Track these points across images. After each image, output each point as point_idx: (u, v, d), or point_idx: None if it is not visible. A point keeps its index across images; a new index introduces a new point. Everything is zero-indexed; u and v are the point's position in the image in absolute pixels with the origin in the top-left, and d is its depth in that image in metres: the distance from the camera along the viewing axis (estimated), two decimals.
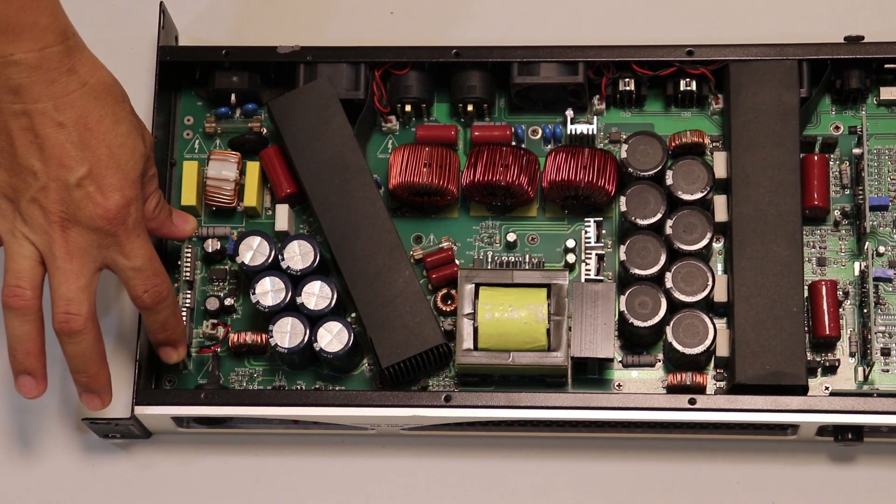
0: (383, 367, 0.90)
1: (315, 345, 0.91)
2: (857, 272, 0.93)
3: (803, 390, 0.89)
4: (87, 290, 0.84)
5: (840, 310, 0.92)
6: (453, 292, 0.93)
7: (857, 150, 0.94)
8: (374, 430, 0.92)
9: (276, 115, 0.94)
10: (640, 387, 0.92)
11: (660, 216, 0.92)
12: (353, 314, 0.93)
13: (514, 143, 0.96)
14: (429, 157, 0.94)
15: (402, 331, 0.90)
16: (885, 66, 0.94)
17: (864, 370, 0.91)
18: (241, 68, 0.96)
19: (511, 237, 0.95)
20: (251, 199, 0.95)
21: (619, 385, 0.92)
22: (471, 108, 0.96)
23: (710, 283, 0.91)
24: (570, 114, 0.96)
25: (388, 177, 0.94)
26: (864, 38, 0.94)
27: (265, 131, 0.97)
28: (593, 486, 0.92)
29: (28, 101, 0.81)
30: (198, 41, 0.99)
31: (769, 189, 0.92)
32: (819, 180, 0.93)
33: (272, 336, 0.91)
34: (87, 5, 1.00)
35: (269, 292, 0.92)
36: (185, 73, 0.98)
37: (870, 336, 0.91)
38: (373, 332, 0.91)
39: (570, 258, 0.94)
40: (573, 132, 0.95)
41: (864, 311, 0.92)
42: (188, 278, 0.95)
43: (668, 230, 0.92)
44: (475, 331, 0.90)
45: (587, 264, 0.93)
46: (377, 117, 0.97)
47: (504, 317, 0.90)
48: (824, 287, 0.92)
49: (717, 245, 0.94)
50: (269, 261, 0.92)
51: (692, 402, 0.88)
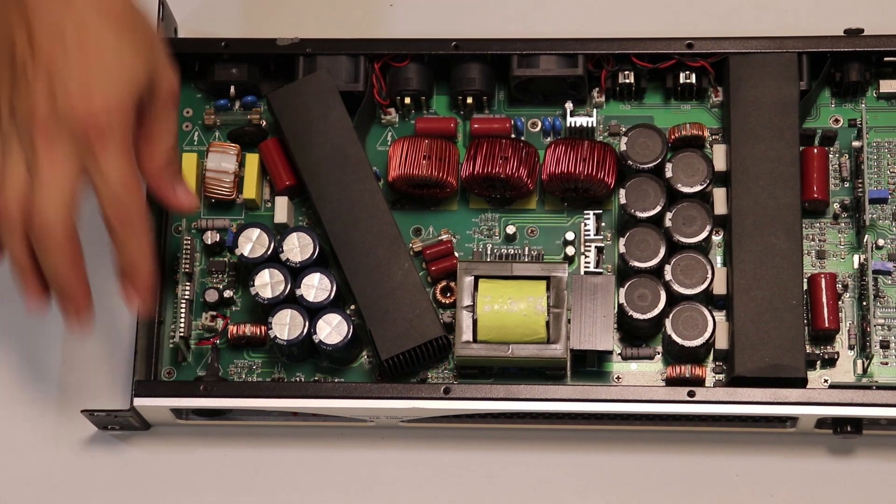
0: (382, 360, 0.90)
1: (314, 337, 0.91)
2: (856, 265, 0.93)
3: (802, 383, 0.89)
4: (68, 195, 0.82)
5: (839, 302, 0.92)
6: (452, 284, 0.93)
7: (856, 143, 0.94)
8: (373, 422, 0.92)
9: (275, 108, 0.94)
10: (640, 379, 0.92)
11: (659, 209, 0.92)
12: (353, 306, 0.93)
13: (513, 136, 0.96)
14: (428, 149, 0.94)
15: (402, 323, 0.90)
16: (885, 59, 0.94)
17: (864, 363, 0.91)
18: (241, 60, 0.96)
19: (510, 229, 0.95)
20: (250, 191, 0.95)
21: (619, 377, 0.92)
22: (470, 100, 0.96)
23: (710, 275, 0.91)
24: (569, 106, 0.96)
25: (387, 169, 0.94)
26: (863, 30, 0.94)
27: (264, 123, 0.97)
28: (592, 478, 0.92)
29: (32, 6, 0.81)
30: (197, 33, 0.99)
31: (769, 182, 0.92)
32: (818, 173, 0.93)
33: (271, 328, 0.91)
34: None
35: (268, 284, 0.92)
36: (185, 65, 0.97)
37: (869, 329, 0.91)
38: (372, 324, 0.91)
39: (570, 251, 0.94)
40: (573, 125, 0.95)
41: (864, 303, 0.92)
42: (187, 270, 0.95)
43: (668, 223, 0.92)
44: (474, 323, 0.90)
45: (586, 257, 0.93)
46: (377, 109, 0.97)
47: (503, 309, 0.90)
48: (823, 280, 0.92)
49: (717, 238, 0.94)
50: (269, 253, 0.92)
51: (691, 394, 0.89)
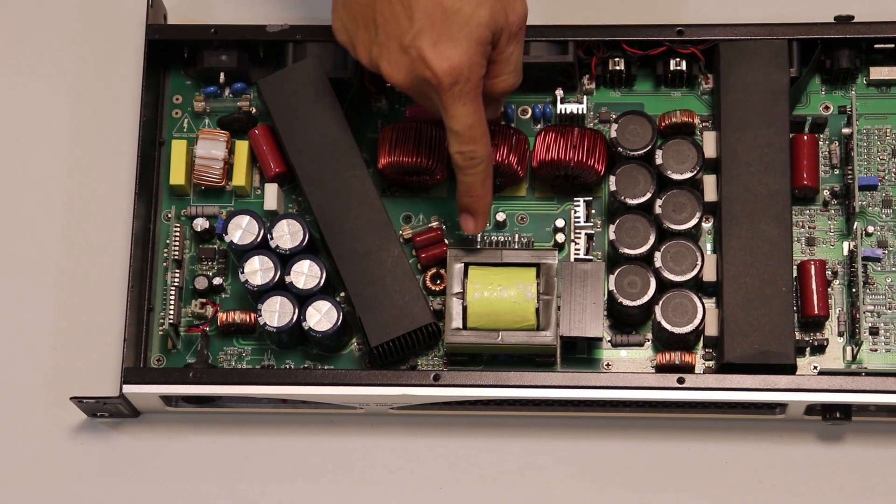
0: (372, 347, 0.90)
1: (304, 324, 0.90)
2: (845, 252, 0.93)
3: (792, 369, 0.89)
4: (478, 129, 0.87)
5: (829, 289, 0.92)
6: (442, 272, 0.93)
7: (846, 130, 0.94)
8: (362, 409, 0.92)
9: (265, 95, 0.94)
10: (629, 366, 0.92)
11: (649, 196, 0.92)
12: (342, 293, 0.93)
13: (503, 123, 0.96)
14: (418, 136, 0.94)
15: (391, 310, 0.90)
16: (875, 46, 0.94)
17: (853, 349, 0.91)
18: (230, 47, 0.96)
19: (500, 217, 0.94)
20: (240, 178, 0.95)
21: (608, 364, 0.92)
22: None
23: (700, 262, 0.91)
24: (559, 93, 0.95)
25: (377, 156, 0.94)
26: (853, 17, 0.94)
27: (254, 110, 0.97)
28: (582, 465, 0.92)
29: None
30: (186, 20, 0.99)
31: (759, 169, 0.92)
32: (808, 160, 0.93)
33: (261, 315, 0.91)
34: None
35: (258, 271, 0.91)
36: (174, 51, 0.97)
37: (858, 315, 0.91)
38: (362, 311, 0.91)
39: (560, 238, 0.94)
40: (563, 112, 0.95)
41: (853, 290, 0.92)
42: (177, 257, 0.94)
43: (658, 210, 0.92)
44: (464, 310, 0.90)
45: (576, 244, 0.93)
46: (367, 97, 0.97)
47: (493, 296, 0.90)
48: (813, 266, 0.92)
49: (707, 225, 0.94)
50: (258, 240, 0.92)
51: (681, 381, 0.89)
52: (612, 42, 0.95)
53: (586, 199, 0.94)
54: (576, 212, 0.94)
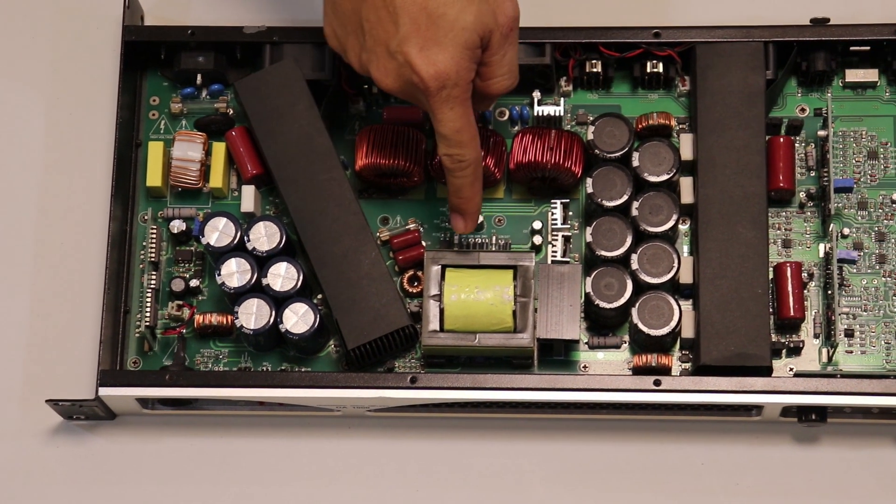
0: (349, 349, 0.90)
1: (281, 326, 0.90)
2: (821, 254, 0.94)
3: (768, 371, 0.90)
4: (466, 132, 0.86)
5: (805, 291, 0.92)
6: (420, 274, 0.93)
7: (822, 133, 0.94)
8: (340, 411, 0.92)
9: (242, 96, 0.94)
10: (606, 368, 0.92)
11: (626, 198, 0.92)
12: (319, 295, 0.93)
13: (480, 125, 0.96)
14: (396, 138, 0.94)
15: (368, 312, 0.90)
16: (851, 48, 0.95)
17: (828, 351, 0.92)
18: (207, 48, 0.96)
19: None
20: (217, 180, 0.95)
21: (585, 366, 0.92)
22: None
23: (676, 264, 0.91)
24: (537, 95, 0.96)
25: (354, 158, 0.94)
26: (829, 20, 0.95)
27: (231, 112, 0.97)
28: (559, 466, 0.92)
29: None
30: (163, 21, 0.99)
31: (735, 171, 0.92)
32: (784, 162, 0.93)
33: (238, 317, 0.91)
34: None
35: (234, 273, 0.91)
36: (151, 53, 0.97)
37: (834, 317, 0.91)
38: (339, 313, 0.91)
39: (537, 240, 0.94)
40: (540, 114, 0.95)
41: (829, 292, 0.92)
42: (153, 259, 0.94)
43: (635, 212, 0.92)
44: (441, 312, 0.90)
45: (553, 246, 0.93)
46: (344, 98, 0.96)
47: (470, 298, 0.90)
48: (789, 269, 0.92)
49: (683, 227, 0.94)
50: (235, 242, 0.92)
51: (657, 383, 0.89)
52: (589, 44, 0.95)
53: (563, 201, 0.94)
54: (553, 214, 0.94)
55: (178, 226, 0.94)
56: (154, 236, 0.94)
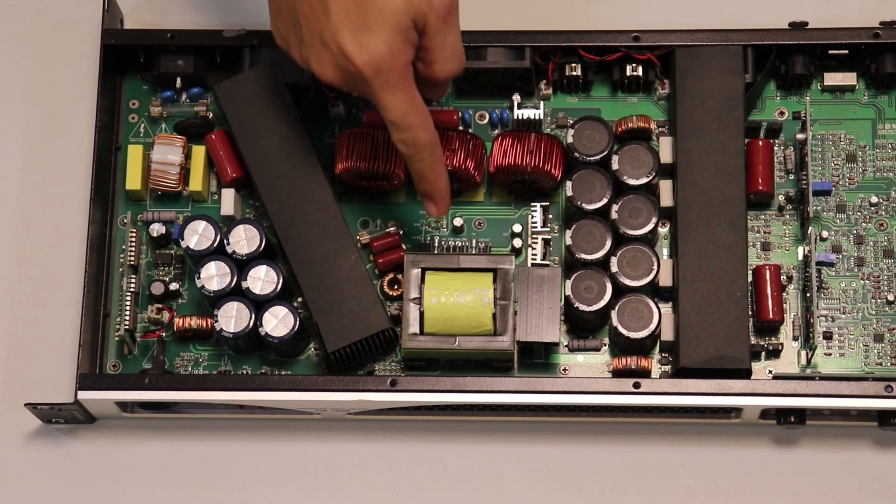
0: (329, 352, 0.90)
1: (260, 329, 0.90)
2: (800, 257, 0.94)
3: (747, 374, 0.90)
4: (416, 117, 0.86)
5: (784, 294, 0.93)
6: (400, 277, 0.93)
7: (800, 136, 0.94)
8: (320, 414, 0.92)
9: (221, 99, 0.94)
10: (586, 371, 0.92)
11: (605, 201, 0.92)
12: (299, 299, 0.93)
13: (461, 128, 0.96)
14: (375, 141, 0.94)
15: (348, 315, 0.90)
16: (829, 52, 0.95)
17: (807, 354, 0.92)
18: (187, 52, 0.96)
19: (458, 222, 0.95)
20: (197, 183, 0.95)
21: (565, 369, 0.92)
22: None
23: (655, 267, 0.92)
24: (517, 99, 0.96)
25: (334, 161, 0.94)
26: (808, 24, 0.95)
27: (211, 115, 0.97)
28: (539, 469, 0.92)
29: None
30: (143, 24, 0.99)
31: (714, 174, 0.92)
32: (763, 165, 0.94)
33: (217, 321, 0.90)
34: None
35: (214, 277, 0.91)
36: (131, 56, 0.97)
37: (812, 320, 0.91)
38: (318, 316, 0.90)
39: (517, 243, 0.94)
40: (520, 117, 0.95)
41: (808, 295, 0.92)
42: (133, 263, 0.94)
43: (614, 215, 0.92)
44: (421, 315, 0.90)
45: (533, 249, 0.93)
46: (324, 102, 0.97)
47: (450, 301, 0.90)
48: (768, 271, 0.92)
49: (663, 230, 0.94)
50: (215, 245, 0.92)
51: (637, 385, 0.89)
52: (568, 48, 0.95)
53: (543, 204, 0.94)
54: (533, 217, 0.94)
55: (157, 229, 0.94)
56: (133, 240, 0.94)
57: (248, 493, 0.92)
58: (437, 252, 0.94)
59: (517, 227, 0.94)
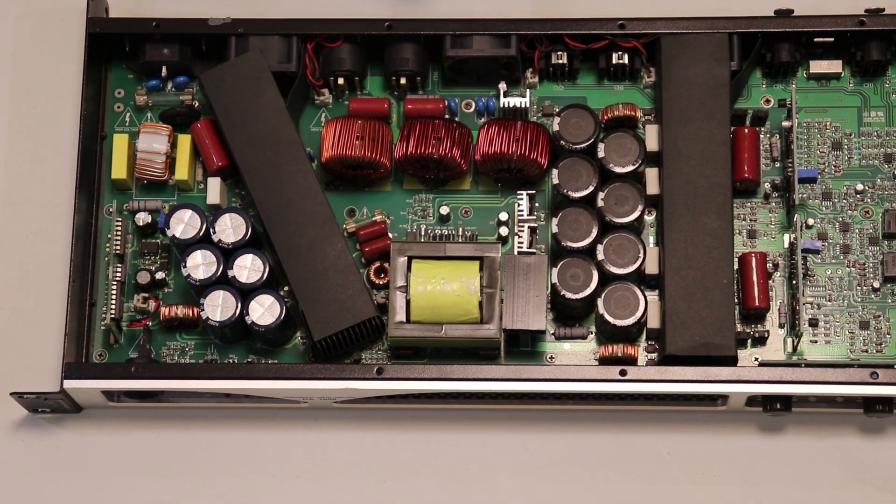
0: (315, 341, 0.90)
1: (247, 318, 0.90)
2: (786, 244, 0.94)
3: (733, 361, 0.90)
4: None
5: (769, 281, 0.93)
6: (386, 265, 0.93)
7: (786, 123, 0.94)
8: (306, 403, 0.92)
9: (207, 88, 0.94)
10: (573, 359, 0.92)
11: (592, 189, 0.93)
12: (286, 287, 0.92)
13: (447, 117, 0.96)
14: (361, 130, 0.94)
15: (335, 304, 0.90)
16: (815, 39, 0.95)
17: (793, 341, 0.92)
18: (172, 41, 0.96)
19: (444, 210, 0.95)
20: (182, 172, 0.95)
21: (552, 357, 0.93)
22: (404, 81, 0.96)
23: (642, 255, 0.92)
24: (503, 87, 0.96)
25: (320, 150, 0.94)
26: (793, 11, 0.95)
27: (197, 104, 0.97)
28: (525, 457, 0.92)
29: None
30: (128, 13, 0.99)
31: (700, 162, 0.92)
32: (749, 153, 0.94)
33: (203, 309, 0.90)
34: None
35: (200, 266, 0.91)
36: (116, 45, 0.97)
37: (798, 307, 0.92)
38: (305, 305, 0.90)
39: (503, 231, 0.94)
40: (506, 105, 0.95)
41: (794, 282, 0.93)
42: (119, 252, 0.94)
43: (600, 203, 0.92)
44: (407, 304, 0.90)
45: (520, 237, 0.93)
46: (310, 90, 0.96)
47: (436, 290, 0.90)
48: (754, 259, 0.92)
49: (649, 217, 0.94)
50: (201, 234, 0.92)
51: (623, 373, 0.89)
52: (554, 36, 0.95)
53: (529, 192, 0.94)
54: (519, 205, 0.94)
55: (143, 218, 0.94)
56: (119, 229, 0.94)
57: (234, 481, 0.92)
58: (423, 240, 0.94)
59: (503, 216, 0.94)
